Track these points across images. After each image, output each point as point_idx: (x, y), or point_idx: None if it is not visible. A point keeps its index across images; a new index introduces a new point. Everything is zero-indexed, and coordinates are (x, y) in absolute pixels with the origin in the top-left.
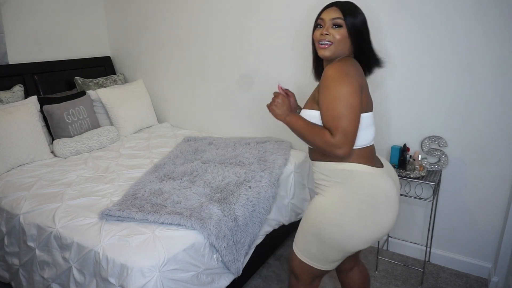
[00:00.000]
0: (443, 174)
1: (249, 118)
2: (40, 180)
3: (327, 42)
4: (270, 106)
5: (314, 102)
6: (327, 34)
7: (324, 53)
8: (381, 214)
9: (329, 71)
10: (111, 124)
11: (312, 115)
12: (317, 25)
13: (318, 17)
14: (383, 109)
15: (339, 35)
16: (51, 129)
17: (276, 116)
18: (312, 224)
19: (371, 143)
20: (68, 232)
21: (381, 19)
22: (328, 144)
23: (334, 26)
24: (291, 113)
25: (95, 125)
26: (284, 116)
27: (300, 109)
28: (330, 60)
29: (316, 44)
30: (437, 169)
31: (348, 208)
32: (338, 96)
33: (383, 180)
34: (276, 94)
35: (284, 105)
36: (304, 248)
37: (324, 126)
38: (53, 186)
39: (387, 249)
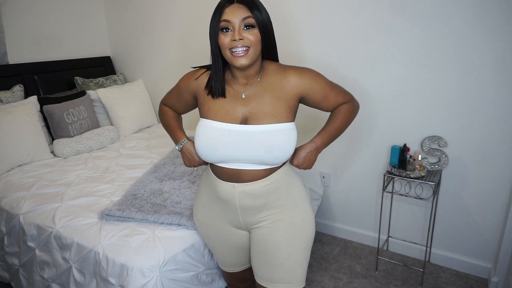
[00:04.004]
0: (443, 174)
1: None
2: (40, 180)
3: (243, 49)
4: (304, 165)
5: (290, 112)
6: (241, 39)
7: (242, 62)
8: None
9: (293, 68)
10: (111, 124)
11: (288, 128)
12: (222, 28)
13: (220, 18)
14: (383, 109)
15: (254, 36)
16: (51, 129)
17: (312, 163)
18: (308, 244)
19: None
20: (68, 232)
21: (380, 18)
22: (357, 107)
23: (246, 28)
24: (315, 145)
25: (95, 125)
26: (316, 153)
27: (186, 139)
28: (243, 69)
29: (227, 52)
30: (437, 169)
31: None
32: (323, 77)
33: None
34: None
35: (312, 155)
36: (305, 271)
37: (332, 107)
38: (53, 186)
39: (387, 249)
